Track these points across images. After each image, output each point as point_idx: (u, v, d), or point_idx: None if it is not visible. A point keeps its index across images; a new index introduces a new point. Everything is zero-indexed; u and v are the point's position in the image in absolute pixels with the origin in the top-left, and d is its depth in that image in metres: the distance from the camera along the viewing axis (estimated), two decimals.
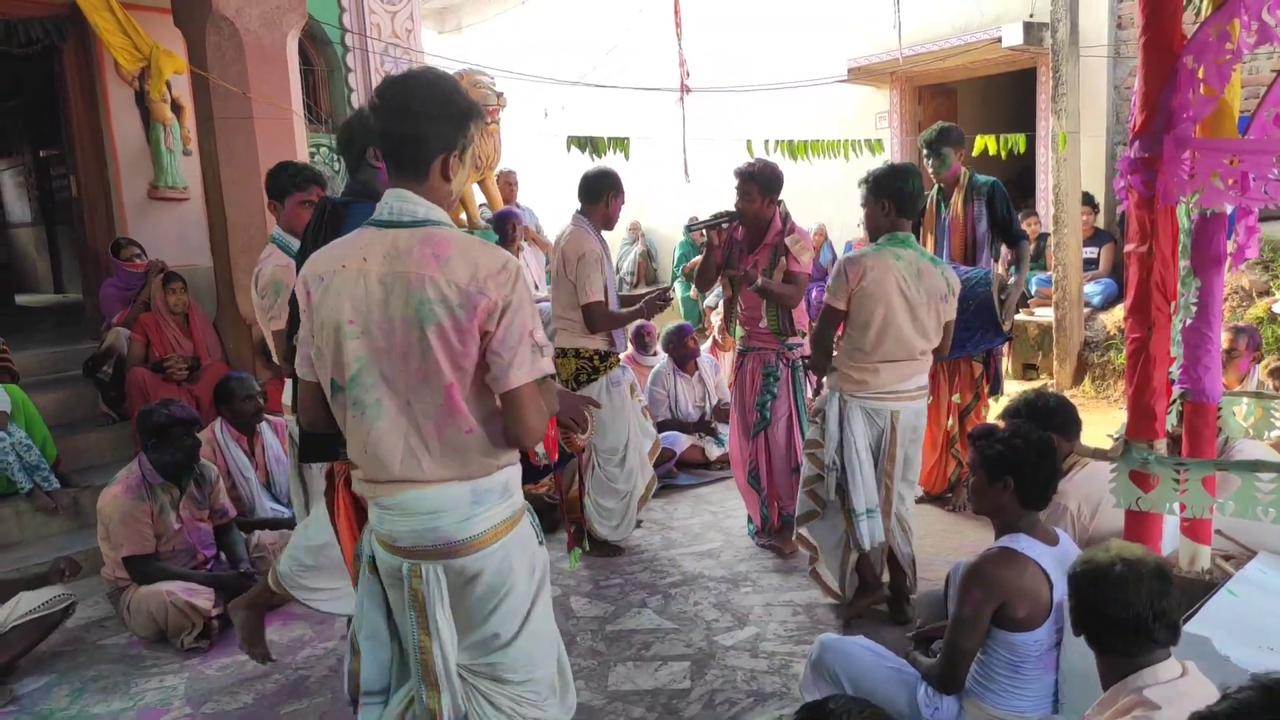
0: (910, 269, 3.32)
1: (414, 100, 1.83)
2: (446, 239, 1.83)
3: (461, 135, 1.88)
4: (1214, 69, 2.14)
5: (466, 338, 1.80)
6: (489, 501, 1.90)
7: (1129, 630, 1.79)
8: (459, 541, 1.88)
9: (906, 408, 3.42)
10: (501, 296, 1.80)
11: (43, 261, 11.09)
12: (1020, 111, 9.36)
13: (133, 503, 3.75)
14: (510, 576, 1.95)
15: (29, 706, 3.32)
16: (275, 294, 3.20)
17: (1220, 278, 2.63)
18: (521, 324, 1.82)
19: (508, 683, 2.00)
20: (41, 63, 6.77)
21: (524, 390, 1.83)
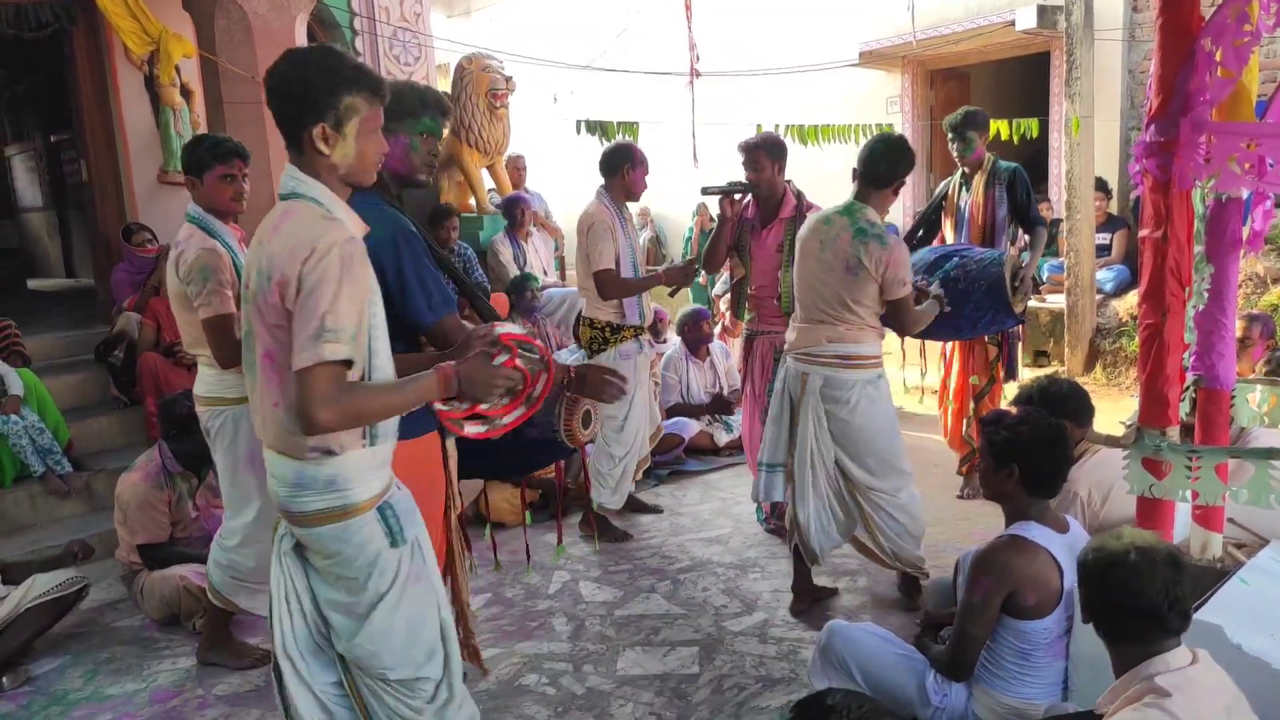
0: (830, 234, 3.33)
1: (278, 79, 1.90)
2: (291, 211, 1.88)
3: (330, 107, 1.88)
4: (1231, 51, 2.11)
5: (272, 310, 1.84)
6: (311, 488, 1.91)
7: (1143, 618, 1.78)
8: (294, 513, 1.95)
9: (816, 372, 3.37)
10: (296, 274, 1.79)
11: (54, 246, 11.14)
12: (1033, 96, 9.28)
13: (151, 490, 3.77)
14: (338, 563, 1.96)
15: (44, 687, 3.36)
16: (203, 279, 3.02)
17: (1235, 264, 2.60)
18: (314, 305, 1.77)
19: (370, 674, 2.02)
20: (51, 47, 6.77)
21: (305, 375, 1.76)
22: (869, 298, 3.30)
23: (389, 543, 1.97)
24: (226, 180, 3.19)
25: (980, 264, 4.01)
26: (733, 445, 5.92)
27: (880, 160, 3.33)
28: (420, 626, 2.04)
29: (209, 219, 3.19)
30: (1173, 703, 1.68)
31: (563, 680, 3.18)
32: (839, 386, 3.35)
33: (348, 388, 1.81)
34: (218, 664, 3.39)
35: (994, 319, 4.09)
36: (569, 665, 3.28)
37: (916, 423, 6.46)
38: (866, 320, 3.33)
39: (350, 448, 1.91)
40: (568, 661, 3.31)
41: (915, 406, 6.87)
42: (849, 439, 3.38)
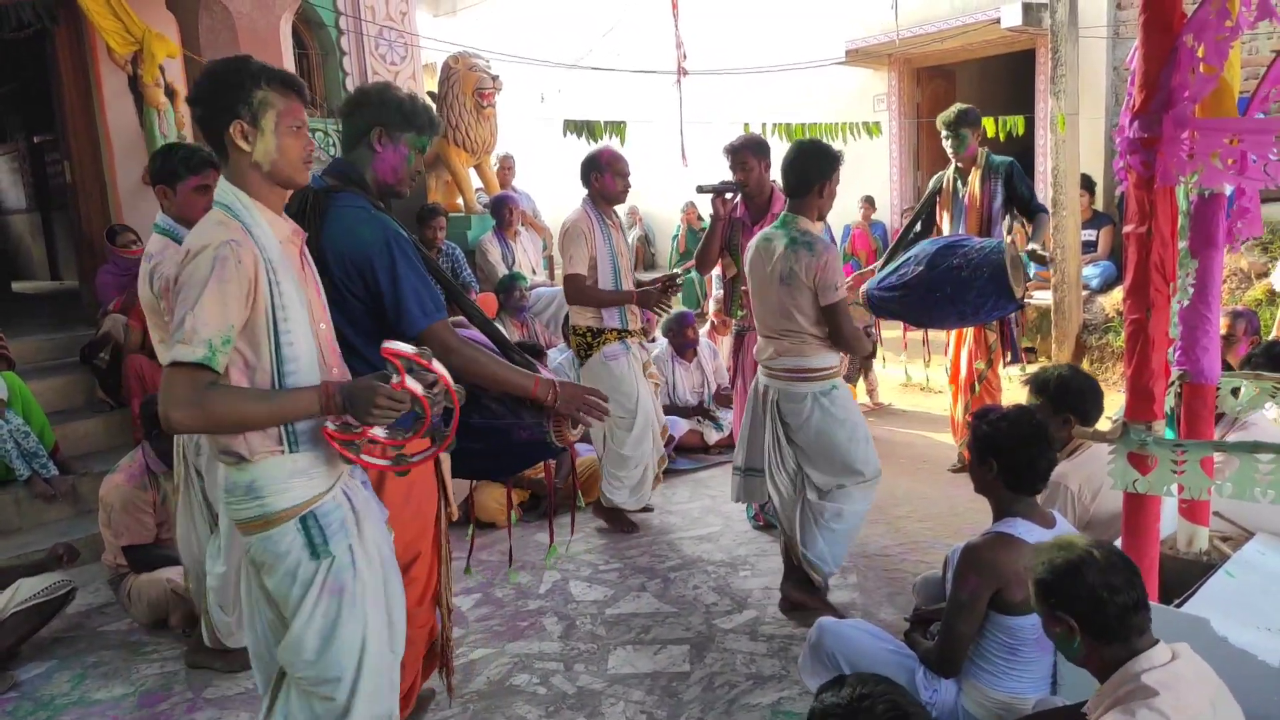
0: (770, 250, 3.36)
1: (196, 90, 1.94)
2: (202, 220, 1.94)
3: (243, 103, 1.89)
4: (1214, 47, 2.12)
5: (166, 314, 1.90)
6: (234, 494, 1.93)
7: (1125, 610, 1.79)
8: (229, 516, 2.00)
9: (772, 385, 3.44)
10: (174, 274, 1.85)
11: (38, 248, 11.06)
12: (1019, 93, 9.33)
13: (135, 491, 3.75)
14: (265, 572, 1.97)
15: (30, 692, 3.33)
16: None
17: (1219, 259, 2.62)
18: (179, 305, 1.79)
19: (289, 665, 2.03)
20: (34, 47, 6.72)
21: (165, 374, 1.79)
22: (808, 306, 3.30)
23: (309, 554, 1.93)
24: (200, 191, 3.09)
25: (982, 252, 4.08)
26: (723, 443, 5.93)
27: (791, 171, 3.38)
28: (332, 643, 1.97)
29: (180, 230, 3.07)
30: (1161, 701, 1.68)
31: (554, 680, 3.18)
32: (792, 399, 3.40)
33: (205, 390, 1.77)
34: (206, 667, 3.37)
35: (996, 305, 4.16)
36: (560, 665, 3.28)
37: (907, 419, 6.50)
38: (809, 330, 3.33)
39: (263, 453, 1.88)
40: (559, 661, 3.31)
41: (909, 403, 6.92)
42: (803, 447, 3.43)
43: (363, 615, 2.01)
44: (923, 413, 6.59)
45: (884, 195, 9.95)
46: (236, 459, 1.88)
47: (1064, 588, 1.83)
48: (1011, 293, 4.03)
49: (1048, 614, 1.88)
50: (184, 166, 3.10)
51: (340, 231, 2.29)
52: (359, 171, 2.44)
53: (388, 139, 2.44)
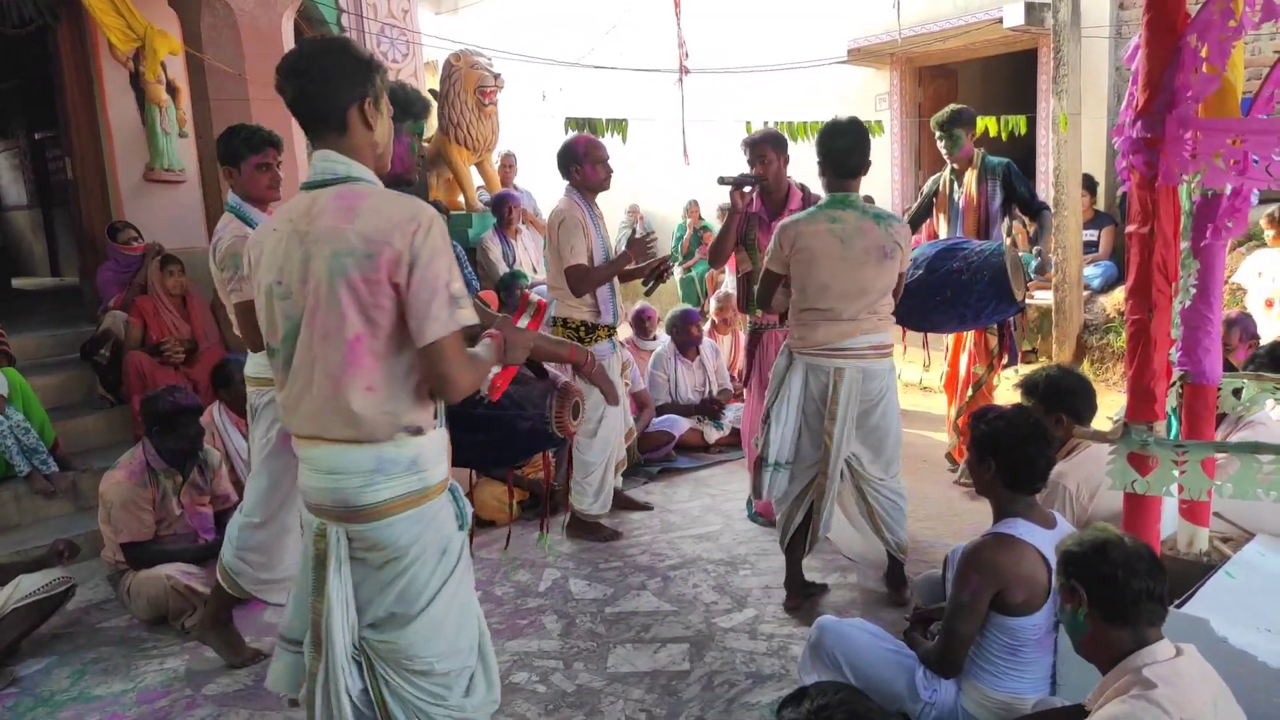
0: (848, 229, 3.31)
1: (311, 61, 1.88)
2: (362, 193, 1.86)
3: (369, 84, 1.92)
4: (1217, 47, 2.12)
5: (376, 288, 1.80)
6: (392, 472, 1.88)
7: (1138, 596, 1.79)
8: (358, 507, 1.88)
9: (851, 366, 3.37)
10: (408, 246, 1.80)
11: (39, 244, 11.06)
12: (1021, 93, 9.31)
13: (135, 488, 3.75)
14: (412, 552, 1.93)
15: (30, 688, 3.33)
16: (235, 266, 3.06)
17: (1221, 259, 2.62)
18: (434, 276, 1.81)
19: (408, 670, 1.96)
20: (35, 43, 6.71)
21: (442, 344, 1.81)
22: (891, 283, 3.40)
23: (457, 525, 2.00)
24: (262, 169, 3.24)
25: (981, 255, 4.07)
26: (723, 442, 5.92)
27: (857, 150, 3.37)
28: (469, 614, 2.05)
29: (246, 208, 3.23)
30: (1159, 694, 1.69)
31: (553, 678, 3.18)
32: (874, 377, 3.41)
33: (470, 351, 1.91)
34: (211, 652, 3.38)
35: (997, 308, 4.16)
36: (559, 663, 3.28)
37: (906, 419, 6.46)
38: (887, 304, 3.43)
39: (429, 428, 1.93)
40: (558, 659, 3.31)
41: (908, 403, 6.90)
42: (869, 429, 3.44)
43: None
44: (922, 412, 6.58)
45: (885, 195, 9.93)
46: (413, 434, 1.89)
47: (1086, 559, 1.86)
48: (1012, 295, 4.02)
49: (1064, 584, 1.91)
50: (246, 146, 3.23)
51: None
52: None
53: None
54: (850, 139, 3.35)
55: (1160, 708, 1.67)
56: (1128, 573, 1.80)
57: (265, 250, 1.92)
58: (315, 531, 1.95)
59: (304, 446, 1.94)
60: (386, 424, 1.86)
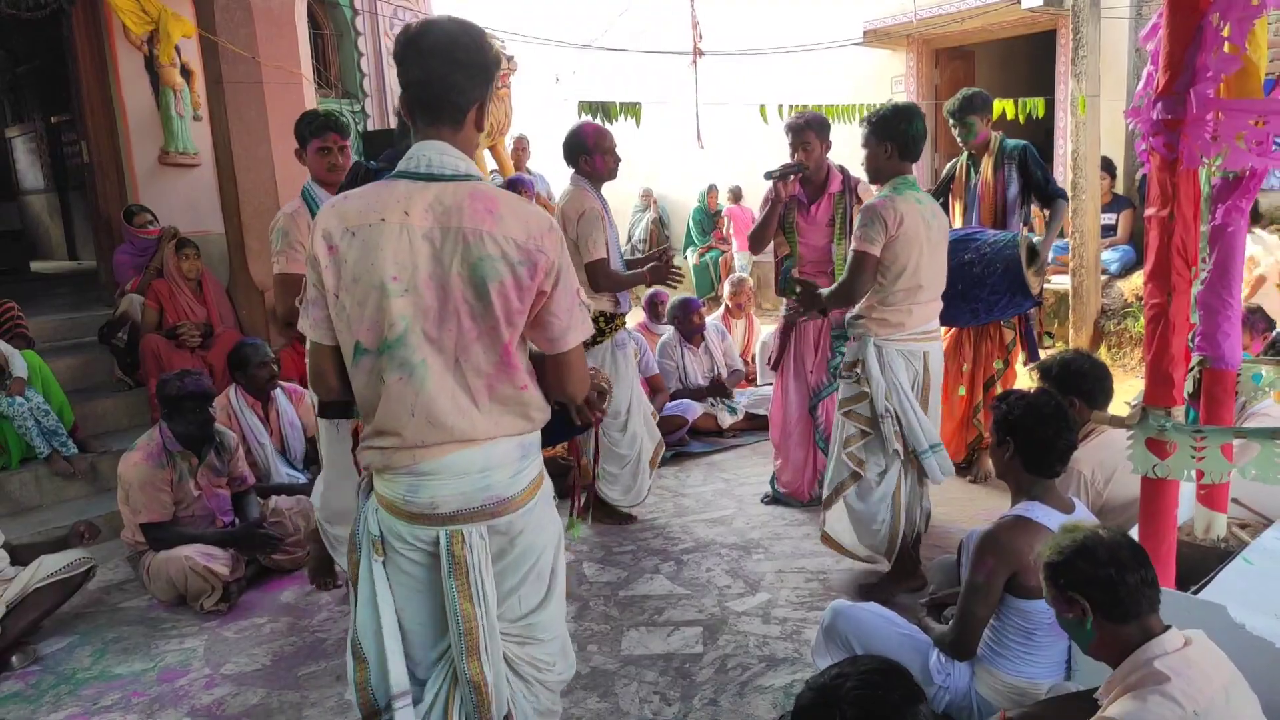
0: (929, 211, 3.35)
1: (457, 46, 1.77)
2: (495, 195, 1.80)
3: (490, 84, 1.87)
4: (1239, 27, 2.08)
5: (525, 295, 1.78)
6: (532, 455, 1.92)
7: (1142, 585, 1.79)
8: (508, 498, 1.86)
9: (934, 348, 3.46)
10: (556, 256, 1.81)
11: (56, 228, 11.13)
12: (1039, 75, 9.22)
13: (152, 470, 3.79)
14: (544, 533, 1.97)
15: (52, 666, 3.38)
16: (276, 239, 3.22)
17: (1241, 242, 2.59)
18: (572, 284, 1.87)
19: (534, 644, 1.99)
20: (51, 27, 6.73)
21: (578, 350, 1.90)
22: None
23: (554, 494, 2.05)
24: (322, 153, 3.37)
25: (995, 246, 3.99)
26: (737, 427, 5.92)
27: (923, 139, 3.37)
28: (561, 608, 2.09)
29: (314, 189, 3.37)
30: (1172, 687, 1.68)
31: None
32: (940, 356, 3.52)
33: None
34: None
35: (1010, 302, 4.07)
36: (574, 645, 3.29)
37: None
38: None
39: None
40: (572, 641, 3.32)
41: None
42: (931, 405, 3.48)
43: None
44: None
45: None
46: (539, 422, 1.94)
47: (1074, 567, 1.83)
48: (1027, 289, 3.94)
49: (1059, 597, 1.87)
50: (308, 130, 3.38)
51: None
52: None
53: None
54: (924, 124, 3.38)
55: (1174, 701, 1.66)
56: (1119, 569, 1.78)
57: (368, 242, 1.74)
58: (449, 542, 1.83)
59: (435, 456, 1.80)
60: (537, 418, 1.91)
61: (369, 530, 1.89)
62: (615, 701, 2.93)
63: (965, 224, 4.62)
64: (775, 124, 7.51)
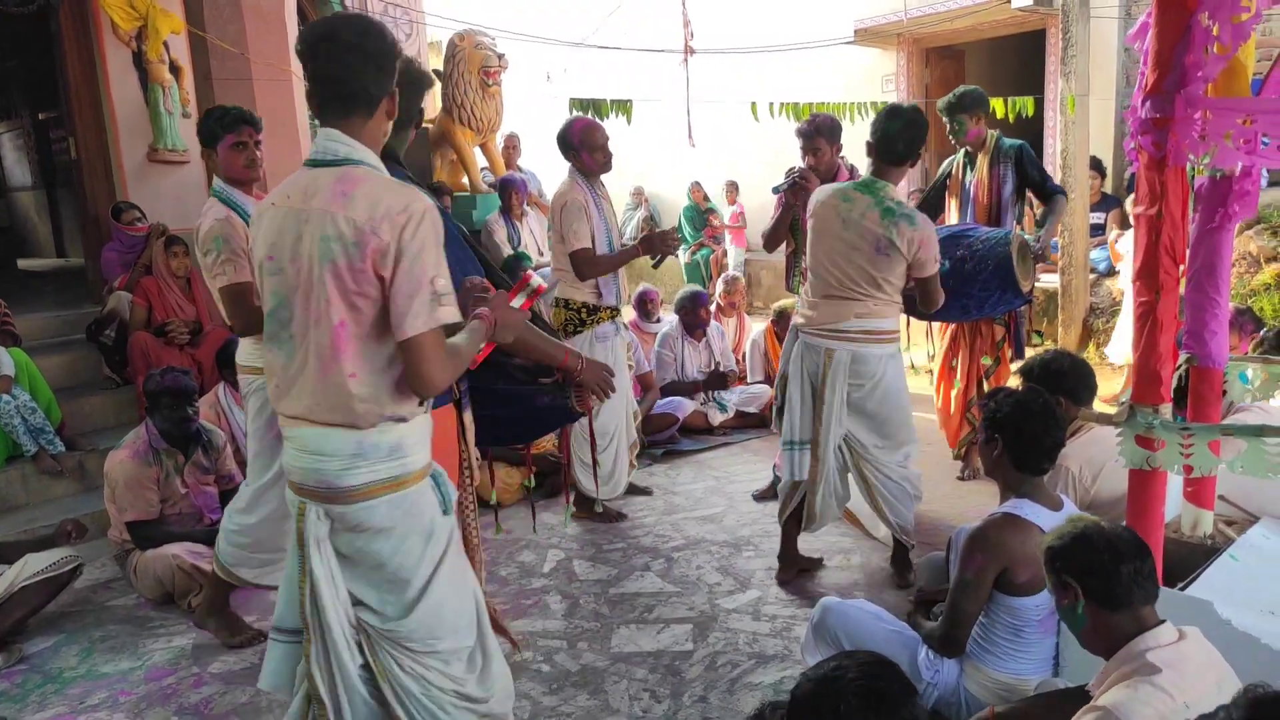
0: (854, 211, 3.31)
1: (366, 39, 1.85)
2: (359, 177, 1.84)
3: (395, 74, 1.93)
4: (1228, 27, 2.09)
5: (360, 277, 1.80)
6: (372, 457, 1.89)
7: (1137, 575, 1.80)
8: (339, 489, 1.89)
9: (842, 348, 3.37)
10: (395, 239, 1.78)
11: (44, 225, 11.06)
12: (1029, 74, 9.24)
13: (139, 467, 3.77)
14: (393, 537, 1.94)
15: (38, 665, 3.36)
16: (217, 249, 3.04)
17: (1229, 241, 2.60)
18: (420, 270, 1.80)
19: (410, 653, 1.99)
20: (38, 23, 6.67)
21: (421, 339, 1.80)
22: (897, 276, 3.34)
23: (441, 510, 2.00)
24: (237, 149, 3.21)
25: (987, 243, 4.00)
26: (727, 424, 5.93)
27: (899, 138, 3.32)
28: (465, 593, 2.08)
29: (229, 190, 3.21)
30: (1163, 678, 1.69)
31: (557, 658, 3.19)
32: (865, 361, 3.39)
33: (448, 345, 1.88)
34: (211, 635, 3.40)
35: (1001, 299, 4.09)
36: (564, 643, 3.30)
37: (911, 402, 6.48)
38: (891, 297, 3.38)
39: (414, 414, 1.95)
40: (562, 639, 3.32)
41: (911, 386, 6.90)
42: (867, 413, 3.44)
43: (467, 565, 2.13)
44: (925, 395, 6.57)
45: None
46: (396, 421, 1.90)
47: (1073, 552, 1.85)
48: (1018, 286, 3.96)
49: (1055, 582, 1.90)
50: (220, 126, 3.22)
51: None
52: (397, 152, 2.60)
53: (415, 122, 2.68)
54: (901, 124, 3.32)
55: (1165, 692, 1.67)
56: (1115, 557, 1.80)
57: (263, 225, 1.92)
58: (297, 510, 1.96)
59: (290, 426, 1.94)
60: (368, 412, 1.87)
61: None
62: (605, 699, 2.93)
63: (960, 221, 4.62)
64: (766, 122, 7.53)
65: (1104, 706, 1.72)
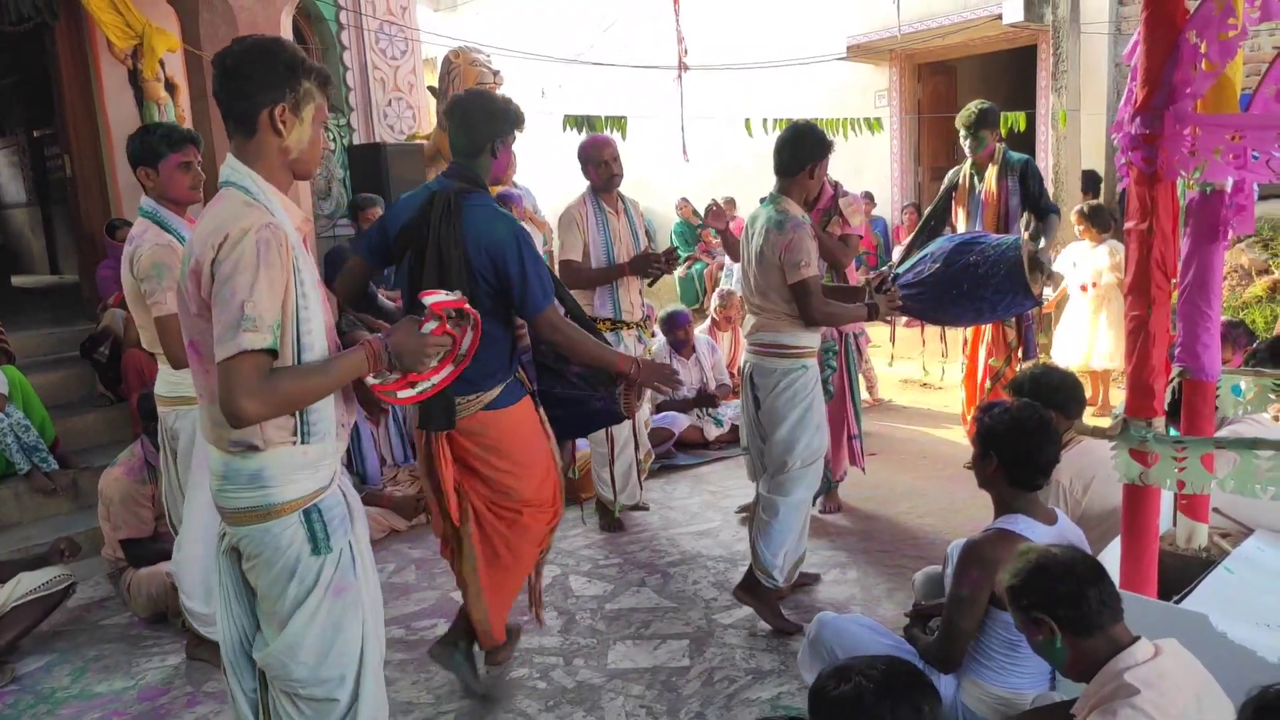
0: (754, 227, 3.43)
1: (235, 59, 1.86)
2: (218, 198, 1.86)
3: (289, 88, 1.87)
4: (1216, 45, 2.12)
5: (191, 299, 1.82)
6: (236, 481, 1.86)
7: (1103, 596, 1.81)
8: (225, 509, 1.91)
9: (750, 359, 3.49)
10: (210, 260, 1.75)
11: (38, 242, 11.06)
12: (1021, 89, 9.31)
13: (133, 485, 3.75)
14: (259, 566, 1.90)
15: (30, 685, 3.34)
16: (158, 277, 2.95)
17: (1220, 255, 2.62)
18: (229, 294, 1.72)
19: (282, 691, 1.97)
20: (34, 41, 6.70)
21: (228, 365, 1.71)
22: (780, 285, 3.33)
23: (310, 549, 1.89)
24: (183, 168, 3.10)
25: (998, 249, 4.09)
26: (723, 439, 5.92)
27: (784, 150, 3.41)
28: (334, 643, 1.94)
29: (163, 212, 3.10)
30: (1142, 699, 1.68)
31: (554, 674, 3.18)
32: (763, 374, 3.43)
33: (271, 376, 1.74)
34: (204, 660, 3.37)
35: (1013, 301, 4.16)
36: (560, 659, 3.28)
37: (907, 415, 6.50)
38: (783, 309, 3.36)
39: (276, 443, 1.85)
40: (558, 655, 3.31)
41: (909, 399, 6.91)
42: (763, 424, 3.47)
43: (361, 614, 1.99)
44: (923, 409, 6.59)
45: (884, 191, 9.93)
46: (247, 449, 1.83)
47: (1035, 586, 1.86)
48: (1029, 289, 4.03)
49: (1025, 620, 1.90)
50: (165, 144, 3.08)
51: (479, 226, 2.65)
52: (479, 175, 2.81)
53: (502, 145, 2.89)
54: (785, 139, 3.42)
55: (1144, 713, 1.67)
56: (1077, 582, 1.81)
57: None
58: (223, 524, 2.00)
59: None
60: (214, 434, 1.87)
61: None
62: (601, 715, 2.92)
63: (969, 229, 4.80)
64: (760, 137, 7.57)
65: None
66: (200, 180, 3.17)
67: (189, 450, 3.13)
